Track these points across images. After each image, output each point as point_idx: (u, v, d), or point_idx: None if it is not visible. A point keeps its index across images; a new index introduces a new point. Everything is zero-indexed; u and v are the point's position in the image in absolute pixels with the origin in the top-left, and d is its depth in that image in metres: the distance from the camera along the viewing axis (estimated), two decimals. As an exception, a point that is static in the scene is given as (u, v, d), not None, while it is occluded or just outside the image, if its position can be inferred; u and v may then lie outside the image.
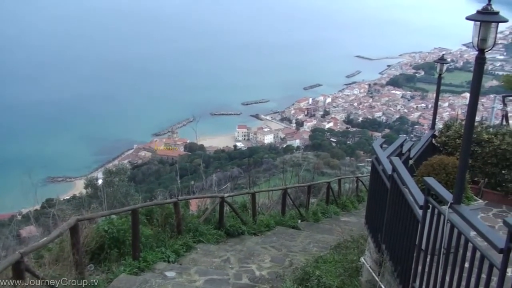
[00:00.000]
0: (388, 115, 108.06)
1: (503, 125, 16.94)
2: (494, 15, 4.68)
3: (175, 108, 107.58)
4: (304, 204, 17.50)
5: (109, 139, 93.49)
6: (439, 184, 5.56)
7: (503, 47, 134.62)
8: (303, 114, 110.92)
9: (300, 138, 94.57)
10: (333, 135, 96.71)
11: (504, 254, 4.10)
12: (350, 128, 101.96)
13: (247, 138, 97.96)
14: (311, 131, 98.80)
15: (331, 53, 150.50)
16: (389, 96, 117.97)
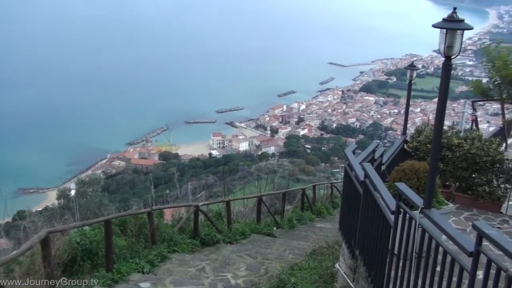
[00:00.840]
0: (362, 121, 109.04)
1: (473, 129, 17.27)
2: (459, 23, 4.76)
3: (149, 116, 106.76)
4: (279, 211, 17.54)
5: (82, 148, 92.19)
6: (410, 189, 5.62)
7: (472, 53, 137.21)
8: (277, 121, 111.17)
9: (275, 145, 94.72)
10: (308, 142, 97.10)
11: (473, 257, 4.16)
12: (324, 135, 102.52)
13: (222, 146, 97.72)
14: (286, 138, 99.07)
15: (305, 60, 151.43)
16: (362, 102, 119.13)
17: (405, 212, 5.44)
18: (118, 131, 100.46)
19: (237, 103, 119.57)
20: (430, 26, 5.00)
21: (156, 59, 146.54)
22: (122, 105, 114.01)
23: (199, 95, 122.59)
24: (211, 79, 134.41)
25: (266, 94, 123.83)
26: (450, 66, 5.00)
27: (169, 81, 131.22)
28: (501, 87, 13.11)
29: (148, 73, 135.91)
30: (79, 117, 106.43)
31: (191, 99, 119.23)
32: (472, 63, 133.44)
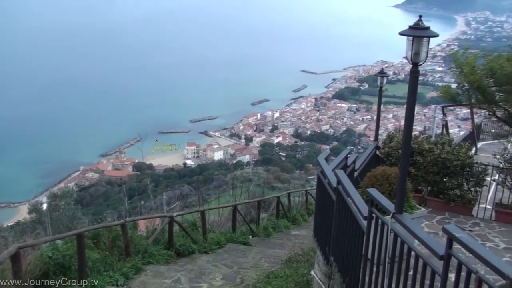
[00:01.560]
0: (335, 128, 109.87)
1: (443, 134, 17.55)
2: (425, 30, 4.85)
3: (123, 127, 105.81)
4: (254, 219, 17.51)
5: (54, 161, 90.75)
6: (381, 195, 5.68)
7: (441, 59, 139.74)
8: (252, 129, 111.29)
9: (250, 153, 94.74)
10: (282, 149, 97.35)
11: (444, 261, 4.22)
12: (298, 142, 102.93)
13: (196, 156, 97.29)
14: (261, 146, 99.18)
15: (277, 68, 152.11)
16: (336, 109, 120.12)
17: (378, 218, 5.49)
18: (90, 142, 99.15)
19: (211, 112, 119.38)
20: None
21: (128, 69, 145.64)
22: (94, 116, 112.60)
23: (172, 104, 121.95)
24: (184, 88, 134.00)
25: (240, 102, 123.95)
26: (418, 72, 5.08)
27: (142, 91, 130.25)
28: (469, 92, 13.36)
29: (120, 83, 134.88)
30: (50, 129, 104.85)
31: (165, 109, 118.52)
32: (442, 69, 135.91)
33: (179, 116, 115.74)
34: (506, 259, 8.54)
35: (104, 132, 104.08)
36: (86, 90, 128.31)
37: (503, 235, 9.95)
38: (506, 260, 8.41)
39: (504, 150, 11.43)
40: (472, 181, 11.30)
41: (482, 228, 10.37)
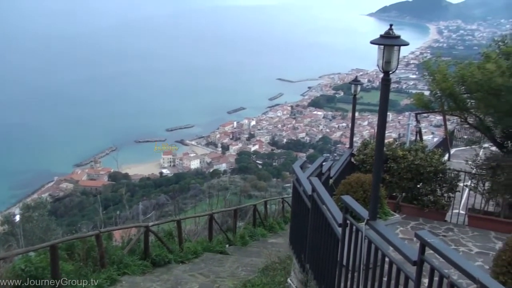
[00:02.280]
0: (312, 136, 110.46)
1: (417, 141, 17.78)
2: (395, 39, 4.92)
3: (98, 137, 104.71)
4: (231, 228, 17.46)
5: (27, 172, 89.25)
6: (355, 202, 5.73)
7: (415, 67, 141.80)
8: (228, 138, 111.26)
9: (227, 162, 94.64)
10: (259, 158, 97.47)
11: (417, 266, 4.27)
12: (275, 150, 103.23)
13: (173, 165, 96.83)
14: (237, 155, 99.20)
15: (253, 76, 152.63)
16: (312, 117, 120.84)
17: (352, 225, 5.53)
18: (65, 152, 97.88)
19: (187, 120, 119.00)
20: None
21: (103, 77, 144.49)
22: (68, 126, 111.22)
23: (148, 113, 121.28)
24: (160, 97, 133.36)
25: (216, 111, 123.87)
26: (389, 80, 5.15)
27: (118, 100, 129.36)
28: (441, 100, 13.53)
29: (95, 92, 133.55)
30: (23, 138, 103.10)
31: (141, 118, 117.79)
32: (415, 77, 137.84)
33: (155, 125, 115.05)
34: (479, 263, 8.66)
35: (78, 141, 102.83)
36: (60, 97, 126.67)
37: (476, 240, 10.11)
38: (479, 265, 8.54)
39: (476, 156, 11.61)
40: (445, 187, 11.47)
41: (456, 233, 10.51)
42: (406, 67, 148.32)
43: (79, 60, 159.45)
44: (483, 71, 11.35)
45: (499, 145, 13.74)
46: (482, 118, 13.58)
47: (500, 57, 11.99)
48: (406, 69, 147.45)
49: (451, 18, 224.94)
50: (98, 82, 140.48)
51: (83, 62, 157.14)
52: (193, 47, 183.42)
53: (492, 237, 10.25)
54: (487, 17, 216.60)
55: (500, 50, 12.69)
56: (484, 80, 11.26)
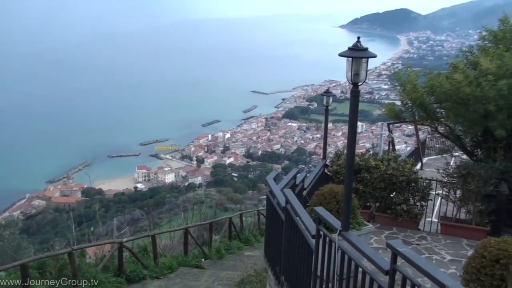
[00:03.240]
0: (286, 147, 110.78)
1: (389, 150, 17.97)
2: (363, 51, 4.98)
3: (70, 152, 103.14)
4: (207, 242, 17.36)
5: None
6: (328, 213, 5.76)
7: (386, 77, 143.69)
8: (203, 151, 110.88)
9: (202, 175, 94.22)
10: (235, 170, 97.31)
11: (390, 276, 4.30)
12: (250, 162, 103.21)
13: (147, 179, 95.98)
14: (213, 167, 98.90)
15: (227, 89, 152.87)
16: (286, 129, 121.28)
17: (325, 236, 5.55)
18: (36, 169, 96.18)
19: (161, 134, 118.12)
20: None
21: (75, 92, 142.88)
22: (40, 142, 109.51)
23: (121, 128, 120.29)
24: (133, 112, 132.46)
25: (191, 124, 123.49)
26: (358, 92, 5.21)
27: (90, 115, 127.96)
28: (412, 110, 13.72)
29: (67, 107, 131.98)
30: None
31: (114, 133, 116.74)
32: (387, 87, 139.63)
33: (128, 139, 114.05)
34: (452, 271, 8.77)
35: (50, 157, 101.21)
36: (30, 113, 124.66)
37: (449, 248, 10.23)
38: (452, 272, 8.64)
39: (447, 165, 11.79)
40: (418, 195, 11.61)
41: (429, 242, 10.63)
42: (378, 78, 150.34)
43: (51, 75, 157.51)
44: (451, 81, 11.56)
45: (469, 153, 13.99)
46: (452, 127, 13.82)
47: (467, 67, 12.24)
48: (378, 79, 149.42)
49: (421, 29, 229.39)
50: (68, 97, 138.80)
51: (55, 77, 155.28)
52: (165, 61, 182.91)
53: (464, 244, 10.39)
54: (456, 28, 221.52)
55: (467, 60, 12.97)
56: (452, 90, 11.47)
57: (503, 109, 11.13)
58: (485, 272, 5.17)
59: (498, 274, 5.10)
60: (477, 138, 13.37)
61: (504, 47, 11.84)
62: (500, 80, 10.90)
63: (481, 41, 13.27)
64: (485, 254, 5.22)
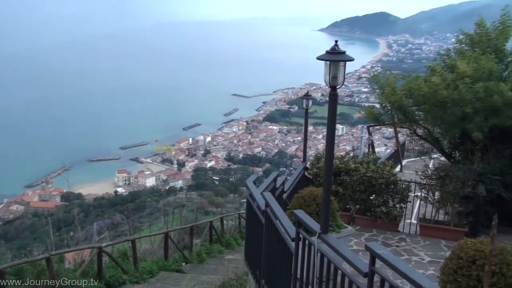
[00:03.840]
0: (267, 150, 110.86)
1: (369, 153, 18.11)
2: (341, 55, 5.01)
3: (49, 156, 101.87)
4: (188, 246, 17.29)
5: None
6: (307, 216, 5.77)
7: (366, 80, 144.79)
8: (184, 154, 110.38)
9: (183, 178, 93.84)
10: (216, 173, 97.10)
11: (368, 278, 4.33)
12: (231, 165, 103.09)
13: (128, 183, 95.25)
14: (194, 171, 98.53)
15: (208, 92, 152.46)
16: (267, 132, 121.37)
17: (305, 239, 5.57)
18: (14, 173, 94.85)
19: (141, 138, 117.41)
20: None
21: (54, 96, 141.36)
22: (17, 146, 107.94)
23: (101, 132, 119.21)
24: (113, 115, 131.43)
25: (171, 128, 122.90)
26: (336, 95, 5.24)
27: (69, 118, 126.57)
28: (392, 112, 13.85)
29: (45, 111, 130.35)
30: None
31: (94, 136, 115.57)
32: (367, 90, 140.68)
33: (109, 143, 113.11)
34: (431, 272, 8.85)
35: (29, 162, 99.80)
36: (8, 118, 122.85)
37: (428, 249, 10.34)
38: (431, 273, 8.72)
39: (425, 167, 11.93)
40: (397, 197, 11.72)
41: (408, 243, 10.73)
42: (358, 81, 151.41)
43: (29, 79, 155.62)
44: (429, 84, 11.71)
45: (447, 155, 14.17)
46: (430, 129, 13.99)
47: (445, 70, 12.40)
48: (358, 82, 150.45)
49: (400, 32, 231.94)
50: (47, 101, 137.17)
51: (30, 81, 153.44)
52: (145, 64, 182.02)
53: (443, 245, 10.51)
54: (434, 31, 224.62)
55: (445, 63, 13.13)
56: (430, 92, 11.62)
57: (480, 111, 11.30)
58: (462, 273, 5.22)
59: (475, 275, 5.17)
60: (455, 140, 13.55)
61: (480, 51, 12.03)
62: (477, 83, 11.07)
63: (458, 45, 13.47)
64: (462, 255, 5.28)
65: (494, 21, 12.99)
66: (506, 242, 10.92)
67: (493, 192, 11.38)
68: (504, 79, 11.81)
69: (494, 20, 13.07)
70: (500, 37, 12.50)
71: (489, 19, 13.43)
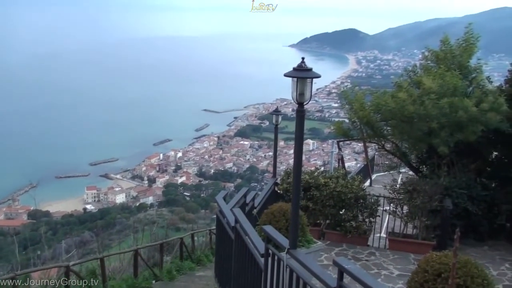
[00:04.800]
0: (239, 165, 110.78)
1: (339, 168, 18.26)
2: (308, 72, 5.07)
3: (16, 173, 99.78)
4: (158, 263, 17.06)
5: None
6: (276, 231, 5.78)
7: (336, 96, 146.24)
8: (154, 170, 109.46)
9: (153, 194, 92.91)
10: (187, 189, 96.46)
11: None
12: (203, 181, 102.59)
13: (97, 200, 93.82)
14: (164, 187, 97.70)
15: (178, 108, 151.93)
16: (238, 147, 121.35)
17: (274, 254, 5.57)
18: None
19: (111, 154, 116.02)
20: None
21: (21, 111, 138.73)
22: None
23: (70, 147, 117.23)
24: (82, 130, 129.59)
25: (142, 143, 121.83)
26: (303, 111, 5.29)
27: (37, 134, 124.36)
28: (361, 127, 14.04)
29: (12, 126, 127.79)
30: None
31: (63, 152, 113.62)
32: (337, 105, 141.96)
33: (77, 159, 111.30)
34: (399, 286, 8.94)
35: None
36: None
37: (397, 263, 10.44)
38: (399, 287, 8.81)
39: (394, 182, 12.09)
40: (366, 212, 11.84)
41: (378, 257, 10.82)
42: (328, 96, 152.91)
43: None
44: (396, 99, 11.93)
45: (415, 169, 14.40)
46: (398, 144, 14.22)
47: (411, 86, 12.66)
48: (328, 98, 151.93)
49: (368, 48, 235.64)
50: (14, 116, 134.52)
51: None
52: (115, 79, 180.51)
53: (412, 259, 10.64)
54: (402, 47, 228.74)
55: (411, 79, 13.41)
56: (397, 108, 11.83)
57: (445, 126, 11.54)
58: (428, 286, 5.29)
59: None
60: (422, 154, 13.80)
61: (445, 67, 12.31)
62: (442, 99, 11.32)
63: (424, 61, 13.77)
64: (428, 268, 5.35)
65: (458, 38, 13.33)
66: (473, 254, 11.15)
67: (460, 205, 11.60)
68: (469, 95, 12.11)
69: (459, 37, 13.42)
70: (464, 54, 12.83)
71: (454, 36, 13.78)
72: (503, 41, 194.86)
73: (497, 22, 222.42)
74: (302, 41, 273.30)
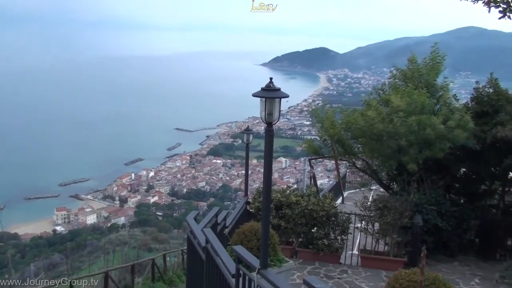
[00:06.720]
0: (212, 184, 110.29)
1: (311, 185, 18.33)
2: (276, 92, 5.10)
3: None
4: (129, 285, 16.81)
5: None
6: (247, 251, 5.76)
7: (308, 114, 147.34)
8: (126, 190, 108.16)
9: (125, 215, 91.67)
10: (159, 209, 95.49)
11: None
12: (175, 200, 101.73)
13: (67, 221, 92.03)
14: (136, 207, 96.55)
15: (150, 127, 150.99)
16: (211, 166, 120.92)
17: (245, 275, 5.54)
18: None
19: (82, 174, 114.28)
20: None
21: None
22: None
23: (39, 167, 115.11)
24: (53, 150, 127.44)
25: (113, 163, 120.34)
26: (272, 131, 5.31)
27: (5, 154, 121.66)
28: (332, 145, 14.16)
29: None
30: None
31: (31, 173, 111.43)
32: (309, 123, 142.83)
33: (47, 180, 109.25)
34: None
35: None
36: None
37: (369, 280, 10.48)
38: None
39: (365, 199, 12.18)
40: (338, 229, 11.88)
41: (350, 275, 10.84)
42: (300, 114, 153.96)
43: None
44: (365, 117, 12.08)
45: (385, 186, 14.55)
46: (369, 162, 14.37)
47: (380, 104, 12.84)
48: (300, 116, 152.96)
49: (339, 67, 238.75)
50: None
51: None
52: (86, 98, 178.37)
53: (383, 276, 10.68)
54: (371, 66, 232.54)
55: (380, 97, 13.61)
56: (366, 126, 11.98)
57: (414, 144, 11.73)
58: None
59: (410, 305, 5.28)
60: (392, 172, 13.96)
61: (413, 85, 12.55)
62: (410, 117, 11.52)
63: (392, 79, 14.01)
64: (397, 286, 5.39)
65: (425, 57, 13.62)
66: (444, 270, 11.27)
67: (430, 221, 11.75)
68: (436, 113, 12.34)
69: (426, 56, 13.71)
70: (430, 72, 13.11)
71: (421, 54, 14.08)
72: (470, 59, 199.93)
73: (464, 41, 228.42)
74: (273, 60, 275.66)
